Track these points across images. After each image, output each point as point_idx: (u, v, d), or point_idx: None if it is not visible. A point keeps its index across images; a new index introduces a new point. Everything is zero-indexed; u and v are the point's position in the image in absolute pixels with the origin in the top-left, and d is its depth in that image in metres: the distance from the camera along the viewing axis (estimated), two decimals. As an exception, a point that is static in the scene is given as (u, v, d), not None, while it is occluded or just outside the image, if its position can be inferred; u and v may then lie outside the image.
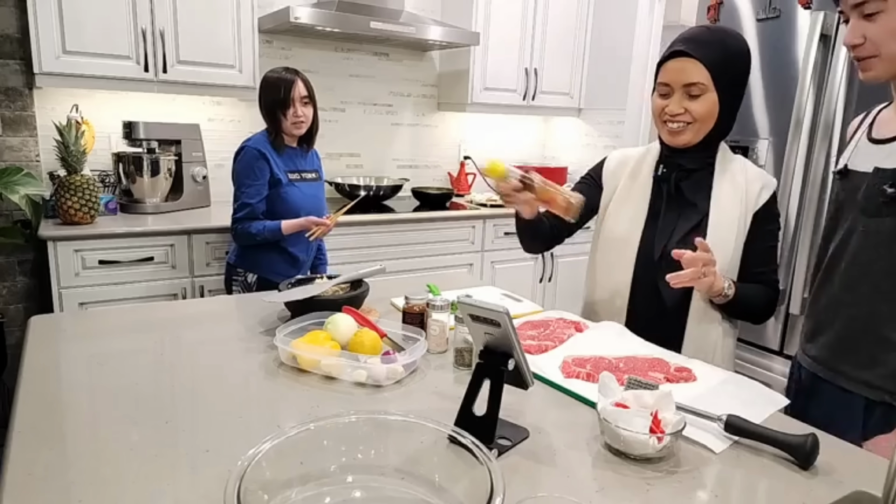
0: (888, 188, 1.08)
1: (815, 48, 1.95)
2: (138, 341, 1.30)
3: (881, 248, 1.11)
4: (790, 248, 2.09)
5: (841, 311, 1.19)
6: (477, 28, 3.33)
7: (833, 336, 1.20)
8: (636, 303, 1.43)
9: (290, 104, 2.21)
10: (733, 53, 1.32)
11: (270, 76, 2.27)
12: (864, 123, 1.22)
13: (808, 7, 2.03)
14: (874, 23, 1.03)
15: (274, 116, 2.25)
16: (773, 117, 2.14)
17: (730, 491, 0.85)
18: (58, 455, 0.85)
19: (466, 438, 0.73)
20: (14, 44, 2.57)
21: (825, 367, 1.22)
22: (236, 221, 2.24)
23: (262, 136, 2.29)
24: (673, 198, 1.42)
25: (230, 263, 2.35)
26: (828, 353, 1.21)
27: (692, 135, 1.35)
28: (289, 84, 2.21)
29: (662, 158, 1.44)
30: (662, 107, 1.35)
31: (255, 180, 2.22)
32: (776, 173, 2.12)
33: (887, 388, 1.12)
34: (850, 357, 1.17)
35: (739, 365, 2.21)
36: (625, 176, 1.49)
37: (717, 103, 1.31)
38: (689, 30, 1.36)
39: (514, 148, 4.09)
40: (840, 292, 1.19)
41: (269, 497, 0.69)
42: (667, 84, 1.33)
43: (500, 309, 0.89)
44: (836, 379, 1.20)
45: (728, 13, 2.25)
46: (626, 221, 1.45)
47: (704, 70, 1.29)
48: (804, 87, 1.97)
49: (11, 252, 2.70)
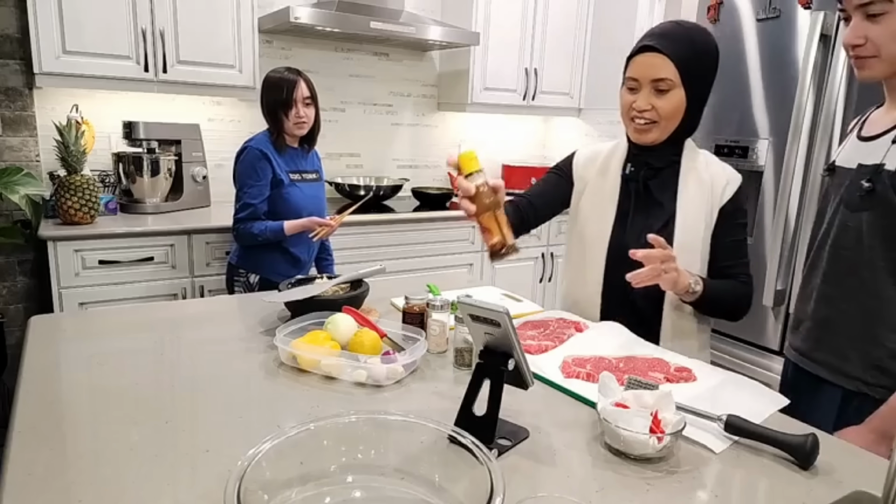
0: (864, 182, 1.11)
1: (815, 48, 1.95)
2: (138, 341, 1.30)
3: (860, 241, 1.13)
4: (790, 248, 2.09)
5: (821, 303, 1.21)
6: (477, 28, 3.33)
7: (813, 327, 1.23)
8: (609, 302, 1.44)
9: (292, 105, 2.21)
10: (701, 50, 1.31)
11: (272, 76, 2.26)
12: (858, 123, 1.25)
13: (808, 7, 2.03)
14: (878, 24, 1.04)
15: (276, 117, 2.24)
16: (773, 117, 2.14)
17: (730, 491, 0.85)
18: (58, 455, 0.85)
19: (466, 438, 0.73)
20: (14, 44, 2.57)
21: (805, 358, 1.24)
22: (238, 222, 2.24)
23: (264, 137, 2.28)
24: (641, 197, 1.42)
25: (232, 264, 2.35)
26: (808, 344, 1.24)
27: (658, 133, 1.35)
28: (291, 84, 2.21)
29: (630, 156, 1.44)
30: (630, 102, 1.35)
31: (258, 181, 2.22)
32: (776, 173, 2.12)
33: (865, 378, 1.14)
34: (828, 348, 1.19)
35: (739, 365, 2.21)
36: (594, 173, 1.49)
37: (684, 100, 1.31)
38: (660, 25, 1.36)
39: (514, 148, 4.09)
40: (822, 285, 1.21)
41: (269, 497, 0.69)
42: (635, 79, 1.33)
43: (500, 309, 0.89)
44: (815, 369, 1.22)
45: (728, 13, 2.25)
46: (596, 222, 1.46)
47: (672, 66, 1.29)
48: (804, 87, 1.97)
49: (11, 252, 2.70)
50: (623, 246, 1.39)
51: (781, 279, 2.09)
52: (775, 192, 2.13)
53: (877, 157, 1.11)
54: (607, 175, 1.46)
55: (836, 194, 1.20)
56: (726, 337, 2.28)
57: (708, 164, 1.41)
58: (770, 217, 2.15)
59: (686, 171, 1.39)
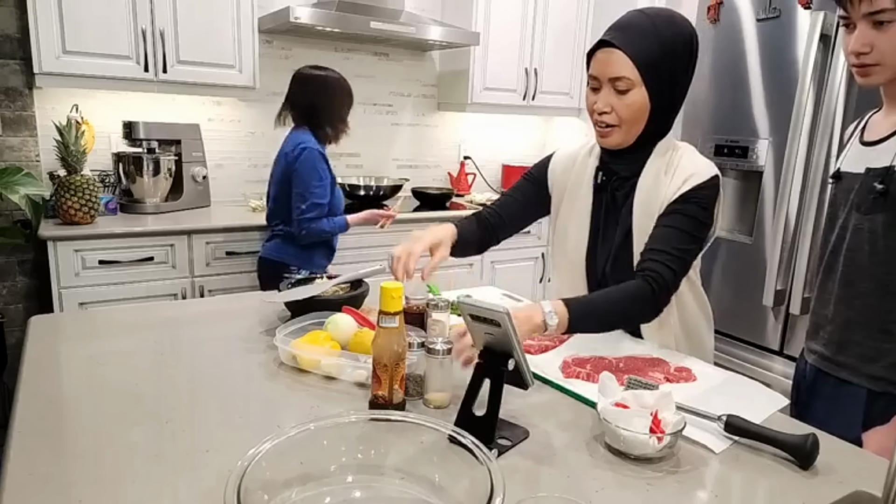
0: (877, 184, 1.11)
1: (815, 48, 1.95)
2: (138, 341, 1.30)
3: (876, 242, 1.13)
4: (790, 249, 2.09)
5: (841, 307, 1.20)
6: (477, 28, 3.33)
7: (835, 331, 1.22)
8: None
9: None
10: (668, 44, 1.17)
11: (347, 85, 2.41)
12: (857, 129, 1.25)
13: (808, 7, 2.03)
14: (885, 32, 1.04)
15: (334, 121, 2.36)
16: (773, 117, 2.14)
17: (730, 491, 0.85)
18: (58, 455, 0.85)
19: (466, 438, 0.73)
20: (14, 44, 2.57)
21: (828, 362, 1.23)
22: (306, 221, 2.31)
23: (311, 137, 2.35)
24: (611, 208, 1.32)
25: (277, 261, 2.37)
26: (831, 348, 1.23)
27: (621, 137, 1.23)
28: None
29: (602, 164, 1.33)
30: (592, 103, 1.23)
31: (321, 181, 2.31)
32: (776, 173, 2.12)
33: (890, 378, 1.14)
34: (852, 351, 1.19)
35: (739, 365, 2.21)
36: (570, 182, 1.38)
37: (647, 101, 1.18)
38: (625, 14, 1.21)
39: (514, 148, 4.09)
40: (840, 289, 1.21)
41: (269, 497, 0.69)
42: (595, 77, 1.21)
43: (500, 309, 0.89)
44: (838, 372, 1.21)
45: (728, 13, 2.25)
46: (574, 237, 1.37)
47: (630, 63, 1.15)
48: (804, 87, 1.97)
49: (11, 252, 2.70)
50: (598, 266, 1.33)
51: (781, 279, 2.09)
52: (775, 192, 2.13)
53: (884, 160, 1.12)
54: (581, 185, 1.36)
55: (846, 199, 1.20)
56: (726, 337, 2.28)
57: (679, 163, 1.24)
58: (770, 217, 2.15)
59: (646, 178, 1.25)
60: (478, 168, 3.89)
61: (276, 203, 2.41)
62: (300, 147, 2.30)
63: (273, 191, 2.42)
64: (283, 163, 2.35)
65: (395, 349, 0.97)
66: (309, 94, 2.37)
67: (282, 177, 2.35)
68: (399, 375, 0.99)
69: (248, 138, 3.16)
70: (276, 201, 2.41)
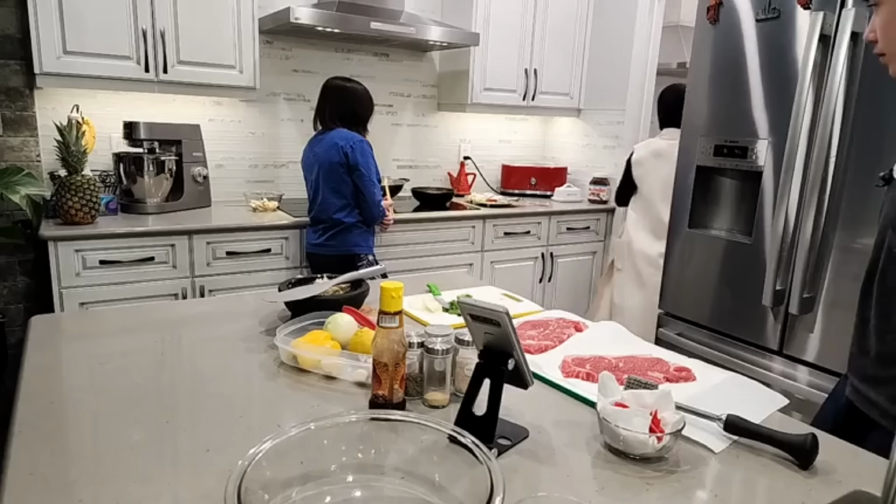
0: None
1: (815, 48, 1.95)
2: (138, 341, 1.30)
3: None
4: (790, 249, 2.09)
5: (875, 340, 1.08)
6: (477, 28, 3.33)
7: (868, 366, 1.10)
8: None
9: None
10: None
11: (369, 93, 2.64)
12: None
13: (807, 7, 2.03)
14: (878, 16, 0.99)
15: (363, 126, 2.61)
16: (773, 118, 2.14)
17: (729, 491, 0.85)
18: (58, 455, 0.85)
19: (466, 438, 0.73)
20: (15, 44, 2.57)
21: (860, 398, 1.12)
22: (380, 203, 2.60)
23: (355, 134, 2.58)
24: None
25: (355, 254, 2.60)
26: (865, 385, 1.11)
27: None
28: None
29: None
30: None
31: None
32: (776, 173, 2.11)
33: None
34: (883, 390, 1.07)
35: (739, 365, 2.21)
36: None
37: None
38: None
39: (515, 148, 4.10)
40: (876, 320, 1.07)
41: (269, 497, 0.69)
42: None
43: (500, 309, 0.89)
44: (870, 410, 1.10)
45: (727, 13, 2.25)
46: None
47: None
48: (804, 87, 1.97)
49: (12, 252, 2.70)
50: None
51: (781, 279, 2.09)
52: (774, 192, 2.13)
53: None
54: None
55: (891, 213, 1.04)
56: (725, 336, 2.28)
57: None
58: (769, 217, 2.15)
59: None
60: (478, 168, 3.89)
61: (336, 194, 2.56)
62: (356, 139, 2.52)
63: (322, 185, 2.57)
64: (336, 155, 2.51)
65: (395, 349, 0.97)
66: (351, 102, 2.60)
67: (336, 167, 2.52)
68: (399, 375, 0.99)
69: (248, 138, 3.16)
70: (336, 193, 2.56)
